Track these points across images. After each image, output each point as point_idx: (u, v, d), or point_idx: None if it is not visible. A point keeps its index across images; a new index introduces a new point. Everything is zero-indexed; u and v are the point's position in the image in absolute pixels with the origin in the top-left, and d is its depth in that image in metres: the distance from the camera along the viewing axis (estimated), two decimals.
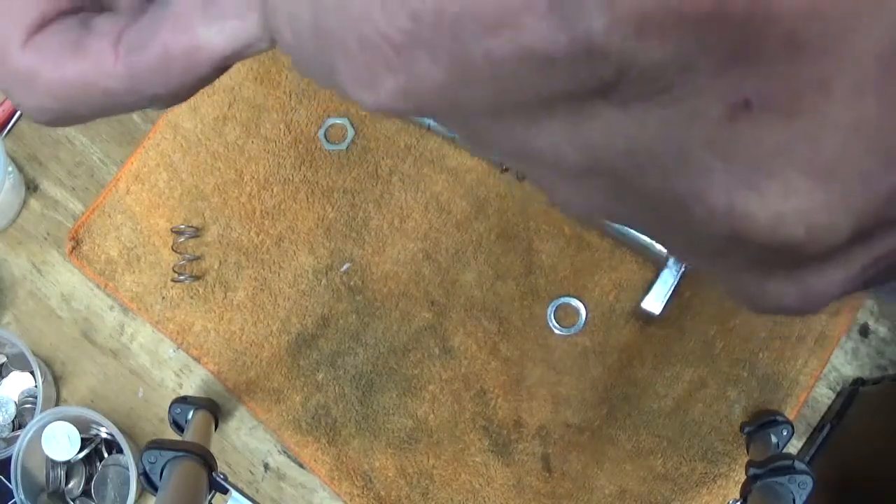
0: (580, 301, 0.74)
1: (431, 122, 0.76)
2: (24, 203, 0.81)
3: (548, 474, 0.72)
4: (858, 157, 0.12)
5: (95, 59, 0.18)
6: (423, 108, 0.15)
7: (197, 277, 0.77)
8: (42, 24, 0.18)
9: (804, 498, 0.57)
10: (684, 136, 0.13)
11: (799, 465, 0.57)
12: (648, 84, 0.13)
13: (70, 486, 0.73)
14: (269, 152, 0.79)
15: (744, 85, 0.12)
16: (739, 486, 0.61)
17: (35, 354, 0.74)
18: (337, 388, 0.74)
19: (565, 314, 0.75)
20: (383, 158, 0.78)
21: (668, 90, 0.13)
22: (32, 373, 0.74)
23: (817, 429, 0.72)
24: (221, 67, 0.18)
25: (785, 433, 0.67)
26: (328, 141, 0.79)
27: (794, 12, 0.11)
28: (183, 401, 0.72)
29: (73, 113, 0.19)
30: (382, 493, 0.73)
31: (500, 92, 0.14)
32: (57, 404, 0.77)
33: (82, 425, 0.72)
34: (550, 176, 0.17)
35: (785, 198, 0.13)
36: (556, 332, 0.74)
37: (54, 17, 0.18)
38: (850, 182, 0.13)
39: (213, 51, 0.17)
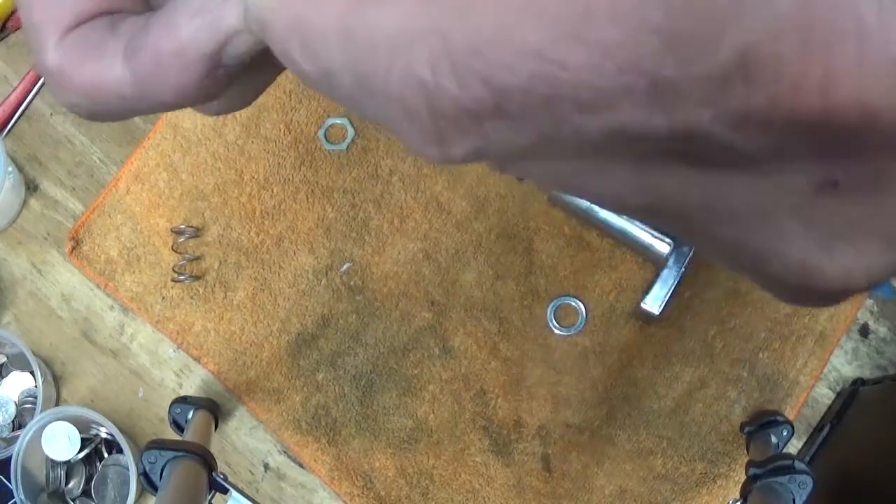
0: (580, 301, 0.74)
1: None
2: (24, 203, 0.81)
3: (548, 474, 0.72)
4: None
5: (108, 62, 0.18)
6: (490, 159, 0.15)
7: (197, 277, 0.77)
8: (77, 23, 0.18)
9: (804, 498, 0.56)
10: (767, 202, 0.14)
11: (799, 465, 0.57)
12: (740, 160, 0.13)
13: (70, 486, 0.73)
14: (269, 152, 0.79)
15: (835, 169, 0.13)
16: (739, 486, 0.61)
17: (35, 354, 0.74)
18: (337, 388, 0.74)
19: (565, 314, 0.75)
20: (383, 158, 0.78)
21: (759, 165, 0.13)
22: (32, 373, 0.74)
23: (817, 429, 0.72)
24: (220, 65, 0.17)
25: (785, 433, 0.67)
26: (328, 141, 0.79)
27: None
28: (183, 401, 0.72)
29: (102, 111, 0.19)
30: (382, 493, 0.73)
31: (577, 153, 0.14)
32: (57, 404, 0.77)
33: (82, 425, 0.72)
34: (599, 202, 0.17)
35: (857, 259, 0.14)
36: (556, 332, 0.74)
37: (91, 16, 0.18)
38: None
39: (197, 47, 0.17)
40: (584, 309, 0.74)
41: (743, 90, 0.12)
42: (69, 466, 0.73)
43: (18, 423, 0.76)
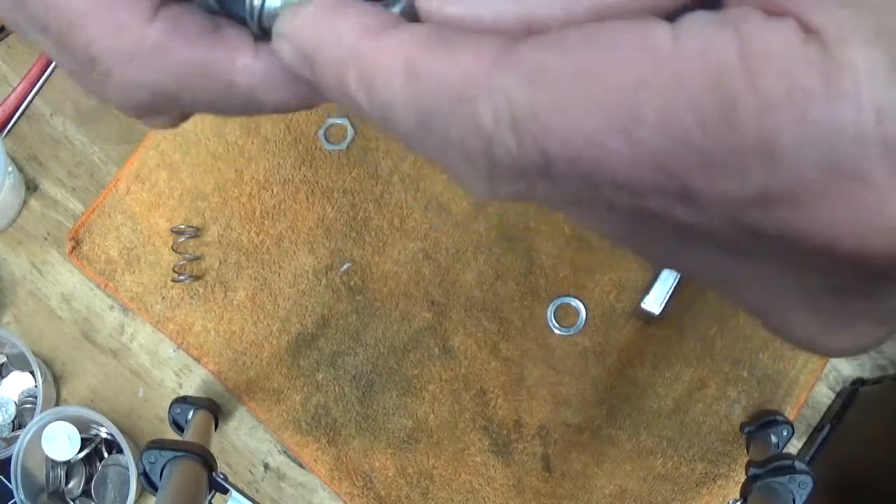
0: (580, 301, 0.74)
1: None
2: (24, 203, 0.81)
3: (548, 474, 0.72)
4: None
5: (233, 50, 0.18)
6: (531, 200, 0.17)
7: (197, 277, 0.77)
8: (162, 3, 0.18)
9: (804, 498, 0.57)
10: (780, 288, 0.16)
11: (799, 465, 0.57)
12: (754, 256, 0.15)
13: (70, 486, 0.73)
14: (269, 152, 0.79)
15: (843, 281, 0.15)
16: (739, 486, 0.61)
17: (35, 354, 0.74)
18: (337, 388, 0.74)
19: (565, 314, 0.75)
20: (383, 158, 0.78)
21: (774, 263, 0.15)
22: (32, 373, 0.74)
23: (817, 429, 0.72)
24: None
25: (785, 433, 0.67)
26: (328, 141, 0.79)
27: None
28: (183, 401, 0.72)
29: (183, 99, 0.19)
30: (382, 493, 0.73)
31: (609, 211, 0.16)
32: (57, 404, 0.77)
33: (82, 425, 0.72)
34: (627, 249, 0.19)
35: (853, 339, 0.17)
36: (556, 332, 0.74)
37: None
38: None
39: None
40: (584, 309, 0.74)
41: (758, 213, 0.14)
42: (69, 466, 0.73)
43: (18, 423, 0.76)
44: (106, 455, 0.74)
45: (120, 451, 0.73)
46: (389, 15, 0.16)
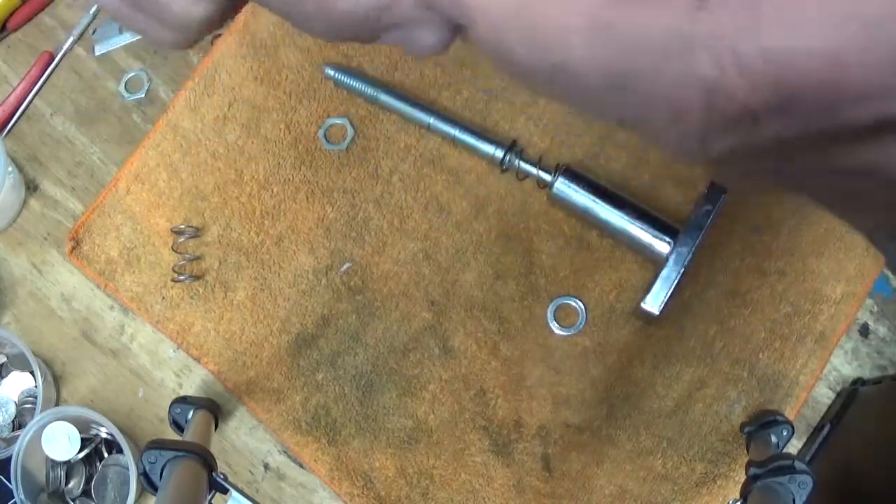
0: (580, 301, 0.74)
1: (431, 122, 0.76)
2: (24, 203, 0.81)
3: (548, 474, 0.72)
4: None
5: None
6: (738, 157, 0.16)
7: (197, 277, 0.77)
8: None
9: (804, 498, 0.56)
10: None
11: (799, 465, 0.57)
12: None
13: (70, 486, 0.73)
14: (269, 152, 0.79)
15: None
16: (739, 486, 0.61)
17: (35, 354, 0.74)
18: (337, 388, 0.74)
19: (565, 314, 0.75)
20: (383, 158, 0.78)
21: None
22: (32, 373, 0.74)
23: (817, 429, 0.72)
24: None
25: (785, 433, 0.67)
26: (328, 141, 0.79)
27: None
28: (183, 401, 0.72)
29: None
30: (382, 493, 0.73)
31: (815, 145, 0.16)
32: (57, 404, 0.77)
33: (82, 425, 0.72)
34: (809, 194, 0.19)
35: None
36: (556, 332, 0.74)
37: None
38: None
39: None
40: (584, 309, 0.74)
41: None
42: (69, 466, 0.73)
43: (18, 423, 0.76)
44: (106, 455, 0.74)
45: (120, 451, 0.73)
46: None
